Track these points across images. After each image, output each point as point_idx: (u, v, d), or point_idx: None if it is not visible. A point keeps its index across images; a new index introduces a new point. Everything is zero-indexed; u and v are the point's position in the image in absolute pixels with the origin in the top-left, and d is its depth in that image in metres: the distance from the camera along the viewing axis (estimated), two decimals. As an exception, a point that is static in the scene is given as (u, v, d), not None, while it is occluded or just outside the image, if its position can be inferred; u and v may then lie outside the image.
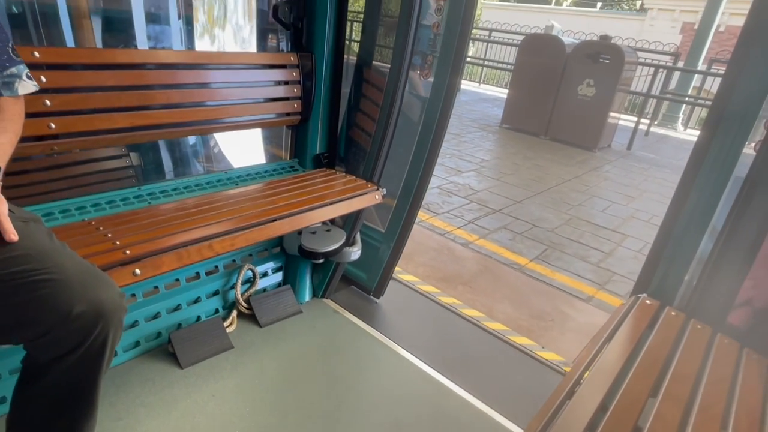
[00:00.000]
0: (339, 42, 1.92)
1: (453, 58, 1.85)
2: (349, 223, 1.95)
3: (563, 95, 6.16)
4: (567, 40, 6.63)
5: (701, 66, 8.23)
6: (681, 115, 8.34)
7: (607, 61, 5.81)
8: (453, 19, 1.82)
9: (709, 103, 8.20)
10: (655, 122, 8.21)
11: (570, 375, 1.05)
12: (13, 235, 0.87)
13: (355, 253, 1.98)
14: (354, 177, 1.92)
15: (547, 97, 6.28)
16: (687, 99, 8.08)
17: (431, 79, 1.95)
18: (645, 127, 7.60)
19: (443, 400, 1.69)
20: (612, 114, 6.09)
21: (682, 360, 1.15)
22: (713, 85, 8.43)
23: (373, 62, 2.12)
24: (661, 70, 7.45)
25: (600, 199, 4.46)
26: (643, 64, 7.29)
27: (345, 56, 1.99)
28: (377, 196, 1.84)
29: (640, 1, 19.71)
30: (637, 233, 3.74)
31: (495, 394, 1.73)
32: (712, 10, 7.79)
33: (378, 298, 2.22)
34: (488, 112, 7.67)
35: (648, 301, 1.41)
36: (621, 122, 6.79)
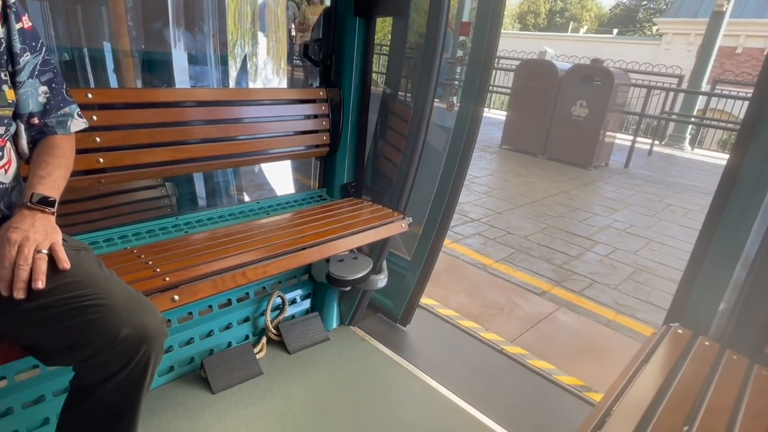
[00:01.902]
0: (365, 76, 2.00)
1: (477, 89, 1.90)
2: (375, 251, 1.99)
3: (558, 116, 6.43)
4: (560, 64, 6.89)
5: (705, 87, 8.39)
6: (688, 135, 8.43)
7: (599, 83, 6.06)
8: (476, 51, 1.88)
9: (714, 123, 8.26)
10: (663, 142, 8.36)
11: (600, 405, 1.04)
12: (65, 263, 0.93)
13: (381, 280, 2.01)
14: (380, 206, 1.97)
15: (544, 118, 6.56)
16: (681, 118, 8.26)
17: (456, 109, 2.01)
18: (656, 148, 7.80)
19: (471, 431, 1.67)
20: (608, 133, 6.34)
21: (718, 392, 1.12)
22: (718, 104, 8.61)
23: (399, 94, 2.20)
24: (654, 90, 7.72)
25: (582, 211, 4.56)
26: (636, 86, 7.55)
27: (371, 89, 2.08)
28: (403, 225, 1.87)
29: (656, 27, 19.88)
30: (608, 241, 3.86)
31: (524, 425, 1.70)
32: (713, 32, 8.00)
33: (404, 325, 2.22)
34: (491, 134, 7.81)
35: (680, 331, 1.38)
36: (623, 142, 6.98)
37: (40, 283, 0.88)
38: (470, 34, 1.94)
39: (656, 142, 8.03)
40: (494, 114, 10.11)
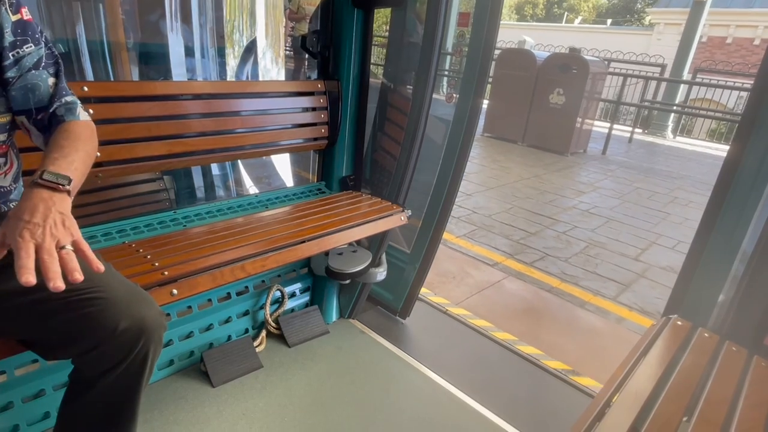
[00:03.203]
0: (364, 68, 1.99)
1: (476, 81, 1.89)
2: (374, 244, 1.99)
3: (537, 104, 6.59)
4: (539, 53, 7.05)
5: (686, 75, 8.53)
6: (670, 124, 8.56)
7: (575, 72, 6.20)
8: (475, 43, 1.87)
9: (693, 111, 8.47)
10: (646, 130, 8.53)
11: (599, 397, 1.04)
12: (98, 264, 0.81)
13: (381, 273, 2.01)
14: (379, 199, 1.96)
15: (523, 106, 6.73)
16: (659, 106, 8.46)
17: (455, 101, 2.00)
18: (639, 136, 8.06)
19: (471, 423, 1.68)
20: (587, 121, 6.51)
21: (717, 382, 1.13)
22: (699, 92, 8.89)
23: (397, 86, 2.19)
24: (635, 79, 7.91)
25: (550, 193, 4.68)
26: (613, 74, 7.77)
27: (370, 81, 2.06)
28: (402, 218, 1.87)
29: (649, 17, 20.05)
30: (569, 220, 3.99)
31: (524, 416, 1.71)
32: (694, 22, 8.17)
33: (404, 318, 2.23)
34: (474, 122, 7.97)
35: (680, 322, 1.38)
36: (604, 130, 7.12)
37: (78, 275, 0.75)
38: (469, 26, 1.93)
39: (639, 130, 8.22)
40: (486, 104, 10.24)
